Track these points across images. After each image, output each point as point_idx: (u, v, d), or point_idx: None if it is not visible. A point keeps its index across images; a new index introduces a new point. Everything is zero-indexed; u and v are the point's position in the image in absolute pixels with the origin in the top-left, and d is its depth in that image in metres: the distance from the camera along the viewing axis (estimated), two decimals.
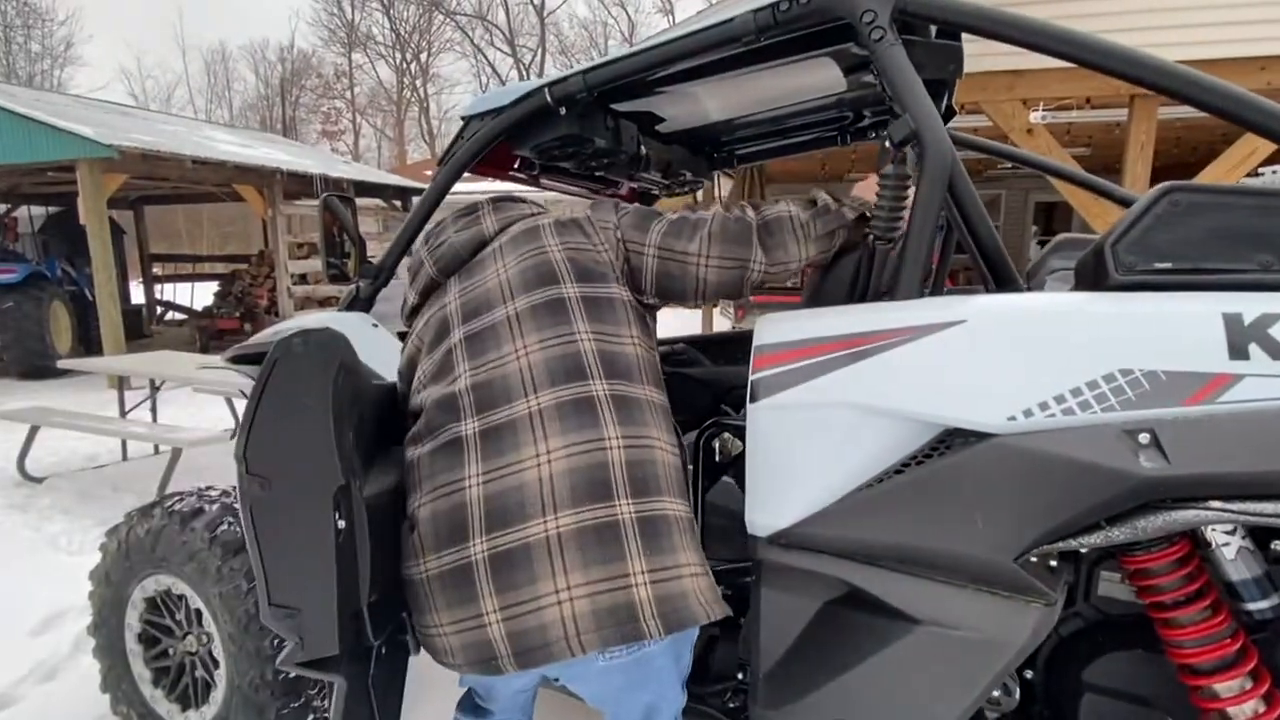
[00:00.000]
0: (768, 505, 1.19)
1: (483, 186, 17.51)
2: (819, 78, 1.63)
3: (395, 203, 11.43)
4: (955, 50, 1.38)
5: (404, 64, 33.92)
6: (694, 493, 1.52)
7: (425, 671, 2.21)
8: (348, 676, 1.11)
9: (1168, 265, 0.99)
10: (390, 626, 1.21)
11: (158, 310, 13.07)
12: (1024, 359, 1.01)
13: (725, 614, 1.07)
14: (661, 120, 1.99)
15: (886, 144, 1.20)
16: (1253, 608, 1.06)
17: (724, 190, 9.62)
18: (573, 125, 1.58)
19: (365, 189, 10.52)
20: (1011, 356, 1.02)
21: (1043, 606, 1.03)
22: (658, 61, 1.38)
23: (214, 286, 11.41)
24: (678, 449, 1.15)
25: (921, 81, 1.15)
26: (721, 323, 9.91)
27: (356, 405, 1.14)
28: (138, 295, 12.88)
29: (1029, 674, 1.31)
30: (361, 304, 1.81)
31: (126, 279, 11.92)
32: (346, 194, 1.75)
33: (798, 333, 1.15)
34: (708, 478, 1.59)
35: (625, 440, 1.06)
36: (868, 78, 1.61)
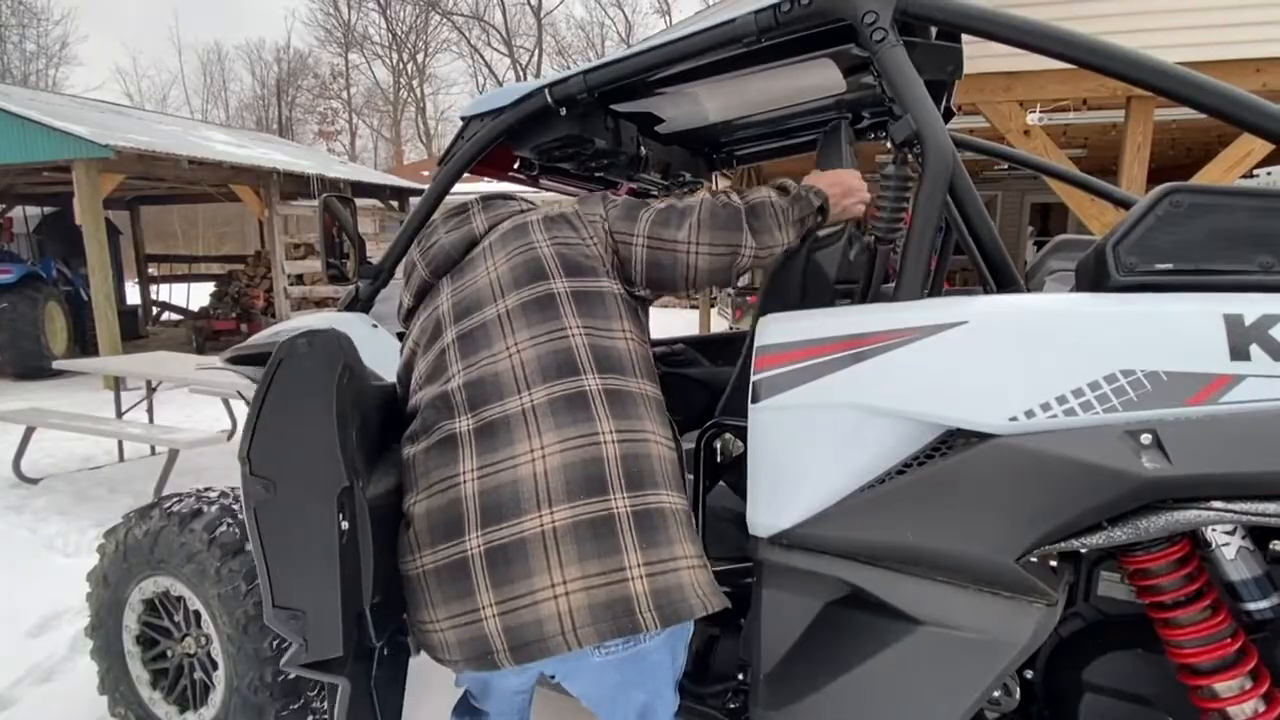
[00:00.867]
0: (769, 506, 1.19)
1: (482, 188, 17.51)
2: (819, 79, 1.63)
3: (392, 203, 11.42)
4: (955, 51, 1.38)
5: (400, 64, 33.86)
6: (695, 493, 1.52)
7: (425, 673, 2.21)
8: (352, 678, 1.11)
9: (1169, 266, 1.00)
10: (392, 627, 1.21)
11: (154, 311, 13.02)
12: (1025, 360, 1.02)
13: (724, 605, 1.07)
14: (661, 121, 2.00)
15: (888, 144, 1.20)
16: (1252, 607, 1.06)
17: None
18: (573, 126, 1.58)
19: (362, 189, 10.50)
20: (1013, 357, 1.02)
21: (1044, 607, 1.03)
22: (659, 62, 1.38)
23: (210, 287, 11.38)
24: (673, 442, 1.16)
25: (923, 83, 1.16)
26: (719, 323, 9.91)
27: (359, 406, 1.14)
28: (133, 296, 12.83)
29: (1029, 674, 1.31)
30: (361, 304, 1.80)
31: (122, 279, 11.86)
32: (345, 195, 1.75)
33: (799, 333, 1.15)
34: (708, 479, 1.59)
35: (619, 434, 1.07)
36: (867, 79, 1.61)
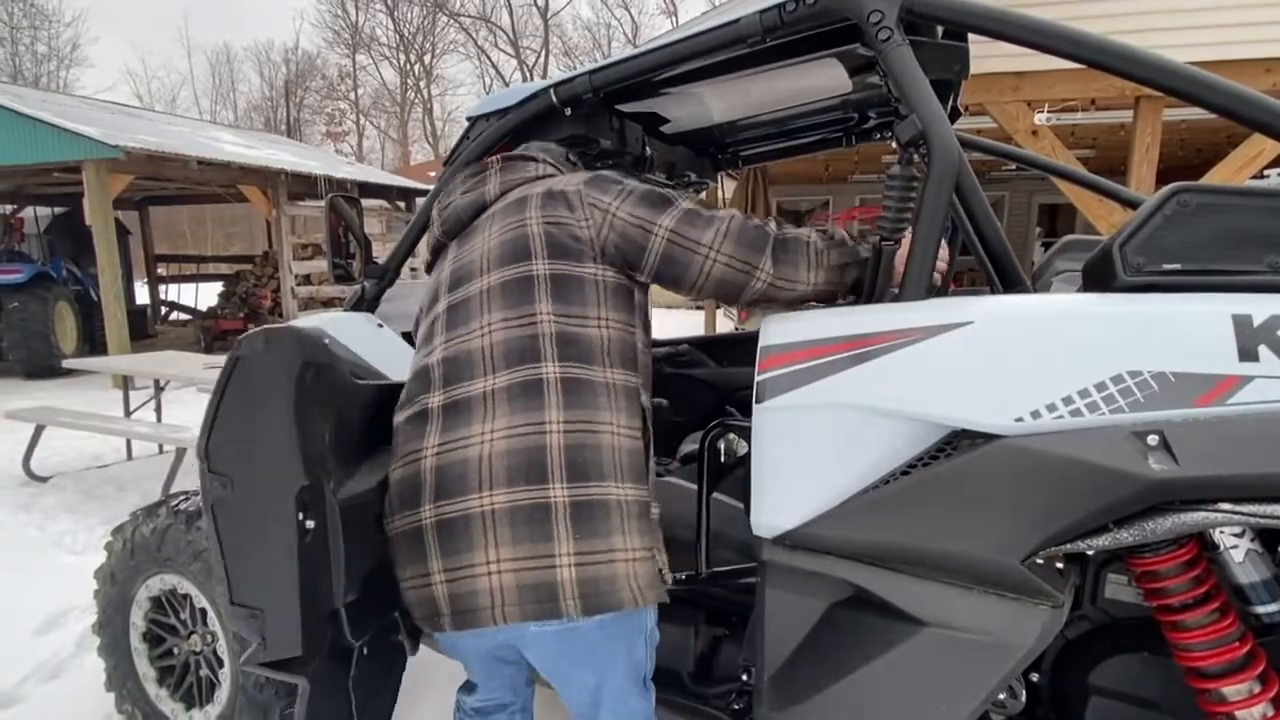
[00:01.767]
0: (773, 506, 1.19)
1: None
2: (824, 79, 1.63)
3: (399, 204, 11.46)
4: (962, 51, 1.38)
5: (408, 65, 33.98)
6: (699, 493, 1.52)
7: (425, 671, 2.22)
8: (312, 679, 1.11)
9: (1176, 266, 0.99)
10: (374, 627, 1.21)
11: (162, 310, 13.11)
12: (1032, 360, 1.01)
13: (661, 600, 1.12)
14: (666, 121, 2.00)
15: (894, 144, 1.19)
16: (1261, 611, 1.05)
17: (728, 191, 9.62)
18: (578, 126, 1.58)
19: (369, 190, 10.54)
20: (1019, 358, 1.02)
21: (1050, 608, 1.02)
22: (664, 62, 1.38)
23: (218, 287, 11.44)
24: (637, 432, 1.16)
25: (929, 82, 1.15)
26: (725, 324, 9.91)
27: (333, 404, 1.14)
28: (143, 296, 12.92)
29: (1035, 677, 1.30)
30: (367, 304, 1.81)
31: (131, 279, 11.94)
32: (352, 195, 1.75)
33: (804, 333, 1.15)
34: (712, 479, 1.59)
35: (567, 424, 1.09)
36: (873, 79, 1.61)
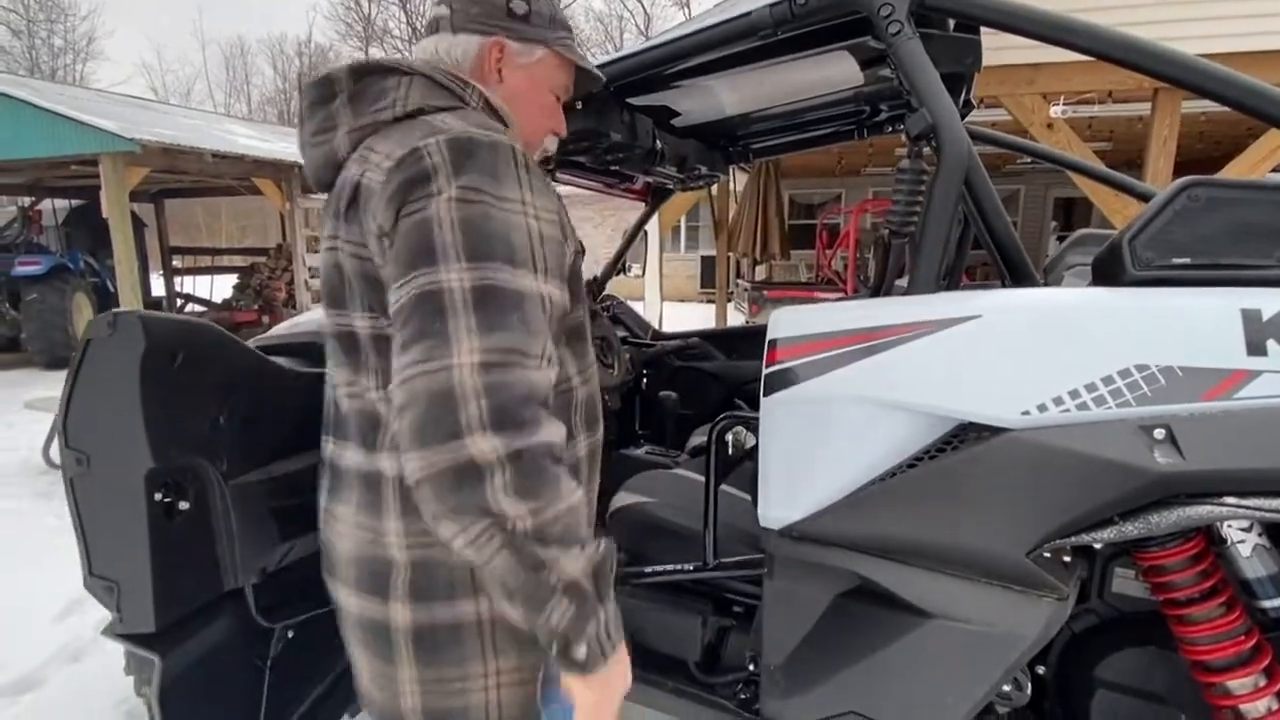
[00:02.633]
0: (780, 498, 1.20)
1: None
2: (836, 72, 1.63)
3: None
4: (974, 44, 1.37)
5: None
6: (706, 486, 1.53)
7: None
8: (165, 655, 1.12)
9: (1186, 260, 0.99)
10: (303, 613, 1.29)
11: (178, 302, 13.23)
12: (1039, 354, 1.01)
13: None
14: (677, 114, 2.00)
15: (905, 137, 1.20)
16: (1268, 605, 1.05)
17: (739, 184, 9.59)
18: (588, 119, 1.59)
19: None
20: (1026, 352, 1.02)
21: (1055, 601, 1.03)
22: (674, 55, 1.38)
23: (233, 279, 11.54)
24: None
25: (939, 75, 1.15)
26: (736, 318, 9.89)
27: (230, 387, 1.18)
28: (159, 288, 13.04)
29: (1041, 669, 1.31)
30: None
31: (147, 271, 12.06)
32: None
33: (813, 326, 1.16)
34: (720, 471, 1.60)
35: (409, 537, 0.88)
36: (885, 71, 1.60)
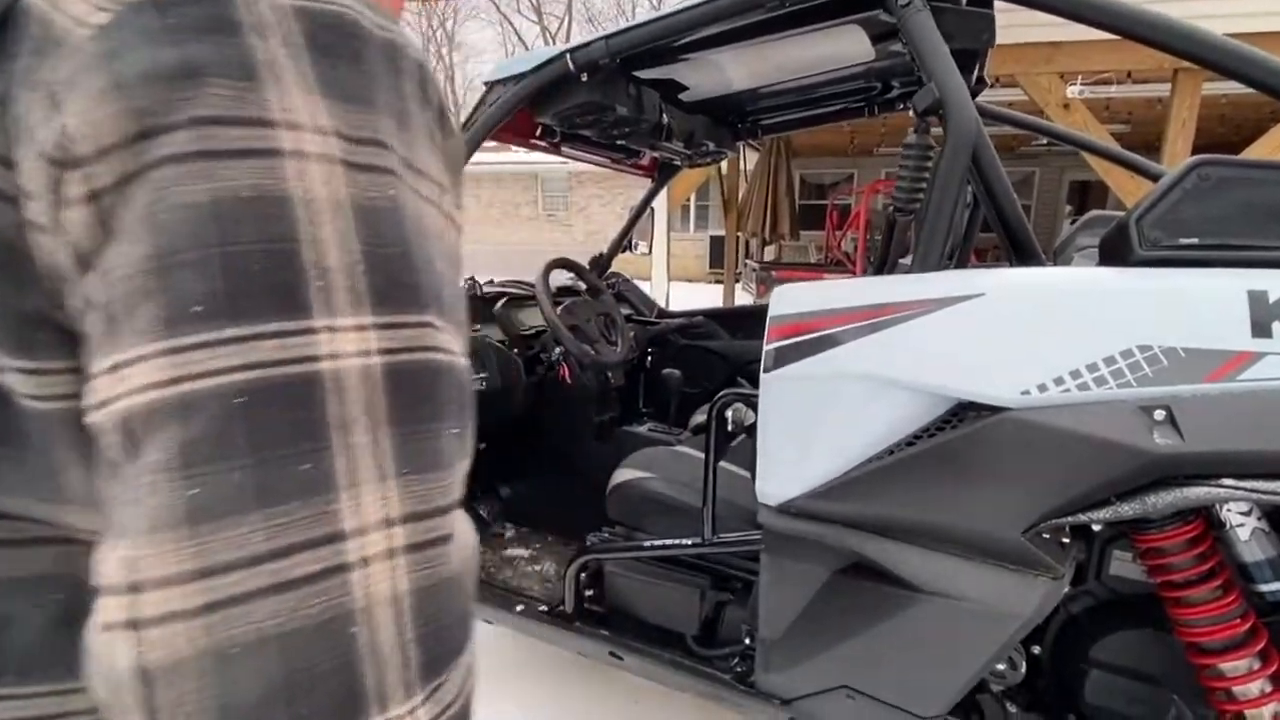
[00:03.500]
0: (778, 475, 1.20)
1: (502, 157, 17.40)
2: (846, 46, 1.60)
3: None
4: (987, 19, 1.35)
5: (430, 31, 33.69)
6: (707, 461, 1.53)
7: None
8: None
9: (1194, 241, 0.97)
10: None
11: None
12: (1041, 334, 1.01)
13: None
14: (685, 89, 1.98)
15: (912, 113, 1.18)
16: (1265, 589, 1.05)
17: (749, 164, 9.49)
18: (594, 92, 1.57)
19: None
20: (1028, 331, 1.01)
21: (1050, 580, 1.03)
22: (681, 27, 1.37)
23: None
24: None
25: (949, 50, 1.13)
26: (744, 299, 9.85)
27: None
28: None
29: (1036, 649, 1.32)
30: None
31: None
32: None
33: (815, 303, 1.15)
34: (720, 448, 1.61)
35: None
36: (896, 46, 1.58)
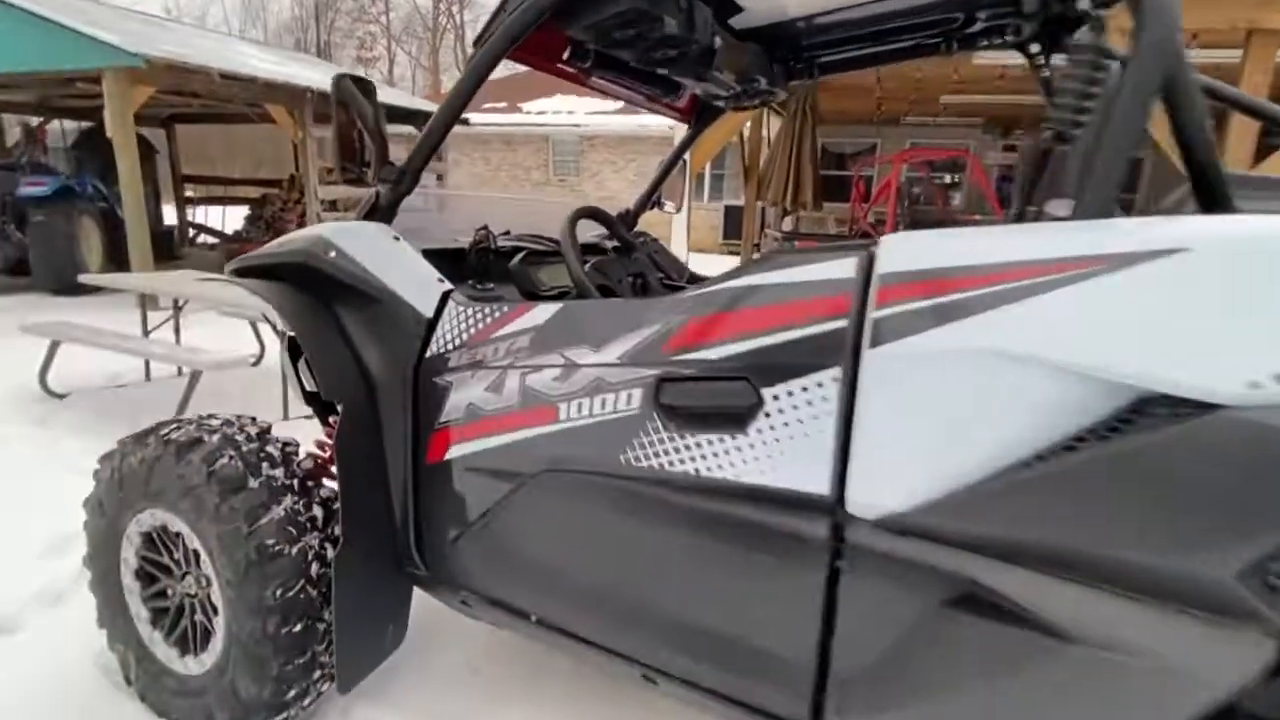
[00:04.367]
0: (879, 481, 0.94)
1: (512, 118, 16.89)
2: None
3: None
4: None
5: None
6: None
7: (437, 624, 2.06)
8: None
9: None
10: None
11: (190, 232, 12.98)
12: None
13: None
14: (739, 10, 1.67)
15: (1084, 5, 0.88)
16: None
17: (772, 130, 9.09)
18: None
19: (397, 114, 10.15)
20: (1260, 300, 0.73)
21: (1263, 638, 0.77)
22: None
23: (246, 210, 11.25)
24: None
25: None
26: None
27: None
28: (171, 217, 12.77)
29: None
30: (382, 213, 1.55)
31: (159, 199, 11.78)
32: (367, 80, 1.47)
33: (945, 257, 0.87)
34: None
35: None
36: None
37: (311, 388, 1.71)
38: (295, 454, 1.68)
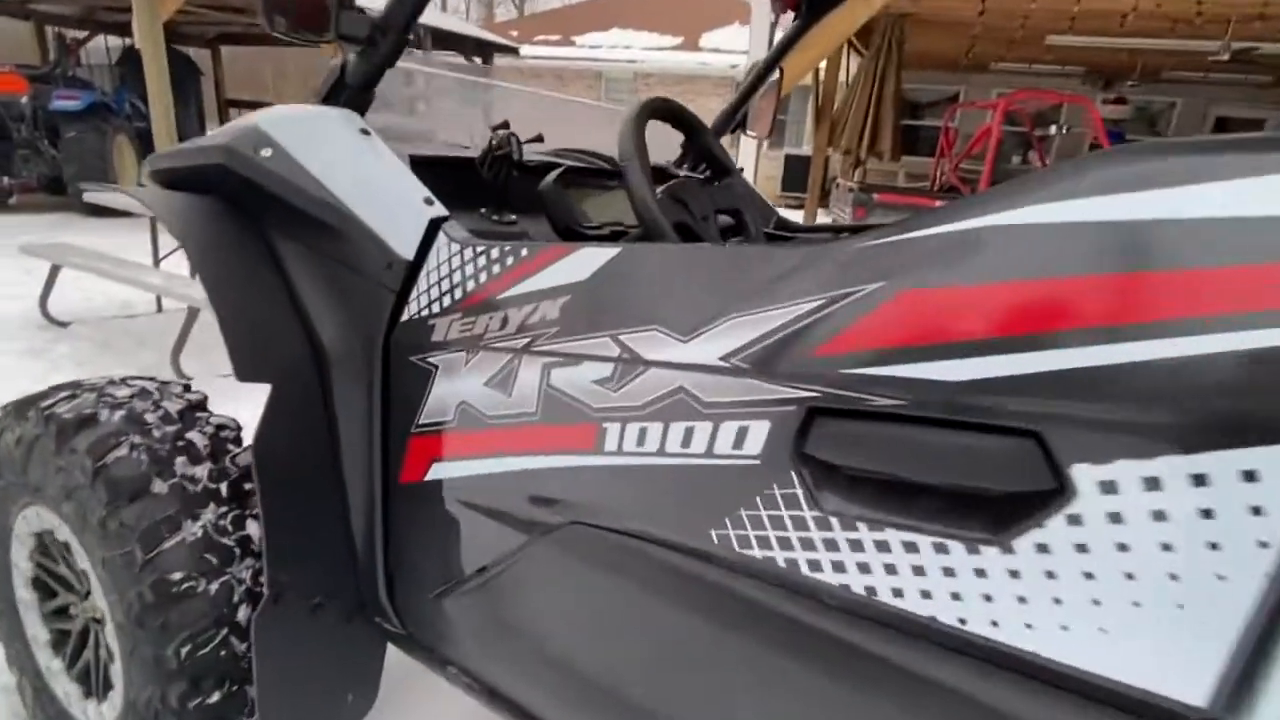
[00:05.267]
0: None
1: (565, 51, 16.04)
2: None
3: (475, 59, 10.41)
4: None
5: None
6: None
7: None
8: None
9: None
10: None
11: None
12: None
13: None
14: None
15: None
16: None
17: (851, 70, 8.19)
18: None
19: (441, 39, 9.51)
20: None
21: None
22: None
23: None
24: None
25: None
26: (824, 217, 8.76)
27: None
28: None
29: None
30: (349, 94, 1.02)
31: (204, 122, 11.45)
32: None
33: None
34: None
35: None
36: None
37: None
38: (234, 441, 1.19)
